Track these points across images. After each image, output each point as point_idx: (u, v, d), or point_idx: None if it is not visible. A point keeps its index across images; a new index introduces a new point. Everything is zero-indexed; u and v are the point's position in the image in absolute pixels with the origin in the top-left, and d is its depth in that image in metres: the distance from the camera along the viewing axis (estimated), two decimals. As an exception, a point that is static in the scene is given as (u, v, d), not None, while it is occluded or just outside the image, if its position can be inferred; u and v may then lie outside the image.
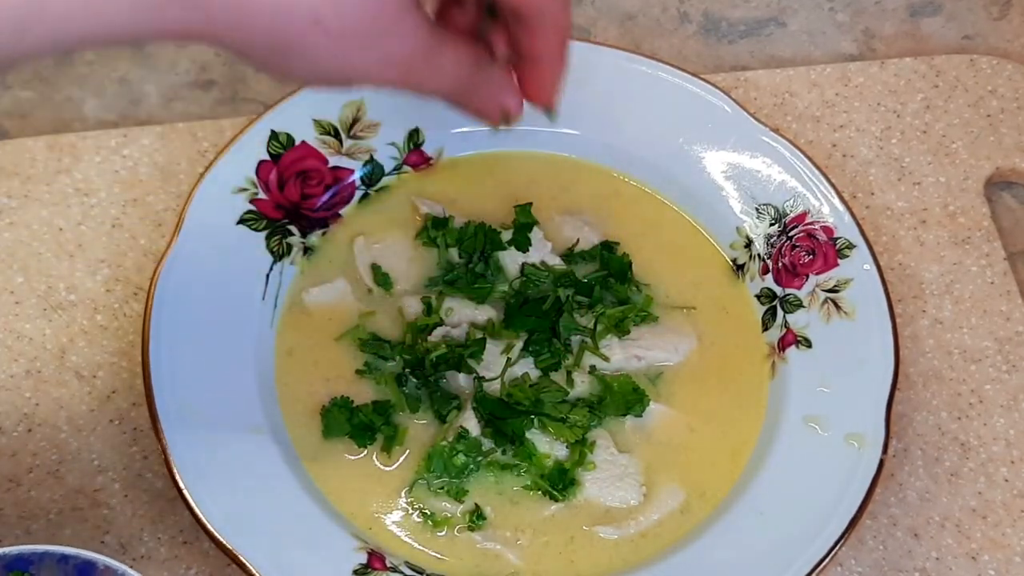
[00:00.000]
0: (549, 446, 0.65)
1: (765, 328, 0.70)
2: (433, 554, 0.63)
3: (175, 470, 0.60)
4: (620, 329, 0.69)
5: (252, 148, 0.70)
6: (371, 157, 0.73)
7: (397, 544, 0.63)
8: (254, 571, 0.58)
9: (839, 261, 0.70)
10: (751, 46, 0.86)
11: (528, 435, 0.65)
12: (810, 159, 0.72)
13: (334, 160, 0.72)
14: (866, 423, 0.64)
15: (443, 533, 0.63)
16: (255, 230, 0.69)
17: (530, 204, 0.72)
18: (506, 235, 0.71)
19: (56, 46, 0.42)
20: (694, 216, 0.74)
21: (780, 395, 0.67)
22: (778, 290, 0.70)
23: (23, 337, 0.69)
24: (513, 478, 0.65)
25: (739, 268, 0.72)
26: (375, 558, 0.61)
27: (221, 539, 0.59)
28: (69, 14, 0.41)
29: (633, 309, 0.69)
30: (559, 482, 0.64)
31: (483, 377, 0.66)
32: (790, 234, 0.71)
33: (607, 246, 0.72)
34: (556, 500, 0.64)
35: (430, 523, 0.63)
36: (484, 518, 0.64)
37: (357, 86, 0.49)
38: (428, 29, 0.48)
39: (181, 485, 0.60)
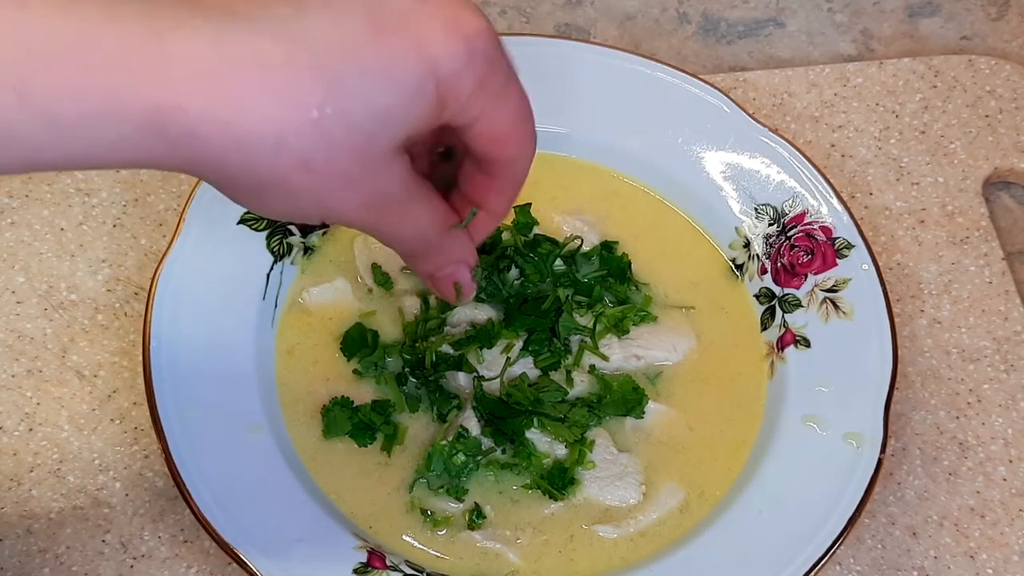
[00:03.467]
0: (549, 445, 0.66)
1: (764, 328, 0.70)
2: (433, 553, 0.63)
3: (176, 469, 0.60)
4: (619, 329, 0.69)
5: (253, 148, 0.70)
6: (371, 157, 0.73)
7: (397, 543, 0.63)
8: (255, 570, 0.58)
9: (838, 261, 0.70)
10: (750, 46, 0.86)
11: (528, 434, 0.65)
12: (809, 159, 0.72)
13: (334, 160, 0.72)
14: (864, 422, 0.64)
15: (443, 532, 0.63)
16: (256, 230, 0.69)
17: (529, 204, 0.72)
18: (505, 235, 0.71)
19: (28, 169, 0.42)
20: (693, 216, 0.74)
21: (779, 394, 0.67)
22: (777, 290, 0.71)
23: (24, 336, 0.70)
24: (513, 477, 0.65)
25: (738, 268, 0.72)
26: (375, 557, 0.61)
27: (222, 537, 0.59)
28: (41, 145, 0.40)
29: (632, 309, 0.70)
30: (559, 481, 0.64)
31: (483, 376, 0.66)
32: (789, 234, 0.71)
33: (606, 246, 0.72)
34: (556, 499, 0.64)
35: (430, 522, 0.63)
36: (484, 517, 0.64)
37: (326, 223, 0.46)
38: (410, 176, 0.48)
39: (182, 484, 0.60)
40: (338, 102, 0.42)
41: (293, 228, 0.70)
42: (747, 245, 0.72)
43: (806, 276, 0.70)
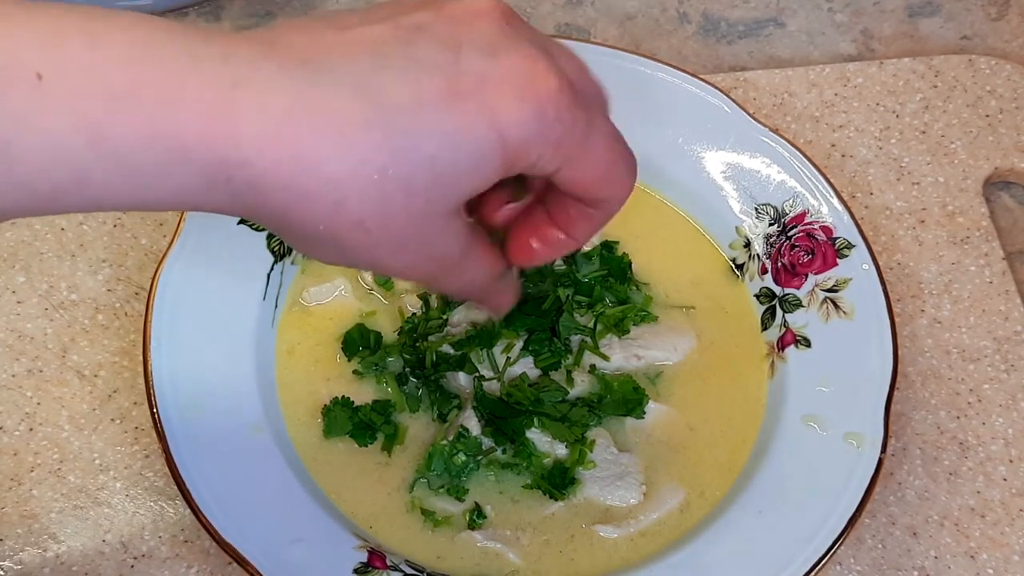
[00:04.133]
0: (549, 445, 0.66)
1: (764, 328, 0.70)
2: (433, 553, 0.63)
3: (176, 469, 0.60)
4: (620, 328, 0.69)
5: (253, 148, 0.70)
6: (371, 157, 0.73)
7: (397, 543, 0.63)
8: (255, 569, 0.58)
9: (838, 261, 0.70)
10: (750, 46, 0.86)
11: (528, 434, 0.65)
12: (809, 159, 0.72)
13: (335, 160, 0.72)
14: (865, 422, 0.64)
15: (444, 532, 0.63)
16: (256, 230, 0.69)
17: (530, 204, 0.72)
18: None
19: (95, 209, 0.42)
20: (693, 216, 0.74)
21: (779, 394, 0.67)
22: (777, 290, 0.71)
23: (25, 336, 0.70)
24: (513, 477, 0.65)
25: (738, 268, 0.72)
26: (375, 557, 0.61)
27: (222, 537, 0.59)
28: (110, 188, 0.41)
29: (632, 309, 0.70)
30: (559, 481, 0.64)
31: (483, 376, 0.66)
32: (789, 234, 0.71)
33: (607, 246, 0.72)
34: (556, 499, 0.64)
35: (430, 522, 0.63)
36: (484, 517, 0.64)
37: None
38: (465, 236, 0.48)
39: (182, 483, 0.60)
40: (401, 165, 0.42)
41: (293, 228, 0.70)
42: (747, 245, 0.72)
43: (806, 276, 0.70)
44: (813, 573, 0.60)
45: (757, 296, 0.71)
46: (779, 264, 0.71)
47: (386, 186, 0.42)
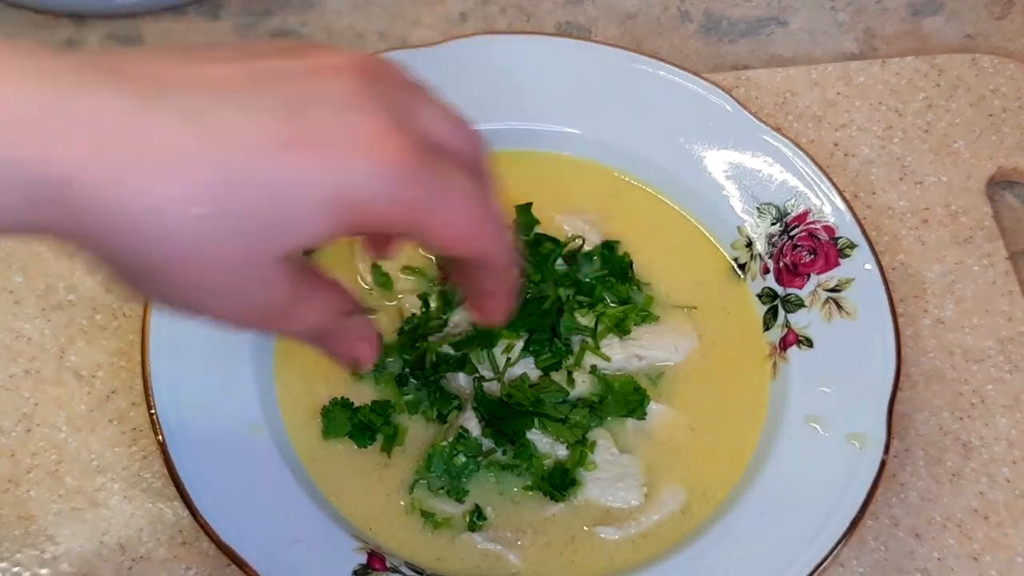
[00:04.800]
0: (550, 446, 0.65)
1: (766, 328, 0.70)
2: (433, 555, 0.62)
3: (175, 470, 0.60)
4: (621, 329, 0.69)
5: (252, 147, 0.70)
6: (371, 156, 0.72)
7: (397, 544, 0.62)
8: (254, 571, 0.58)
9: (840, 261, 0.70)
10: (752, 45, 0.86)
11: (528, 435, 0.65)
12: (811, 158, 0.72)
13: (334, 159, 0.72)
14: (867, 423, 0.64)
15: (443, 533, 0.63)
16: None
17: (530, 204, 0.72)
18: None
19: None
20: (695, 216, 0.74)
21: (781, 395, 0.67)
22: (779, 290, 0.70)
23: (22, 337, 0.69)
24: (514, 478, 0.65)
25: (740, 268, 0.72)
26: (375, 558, 0.60)
27: (221, 539, 0.59)
28: None
29: (634, 309, 0.69)
30: (560, 482, 0.64)
31: (483, 377, 0.66)
32: (791, 233, 0.71)
33: (608, 246, 0.72)
34: (557, 500, 0.64)
35: (430, 523, 0.63)
36: (484, 518, 0.63)
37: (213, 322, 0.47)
38: (294, 284, 0.46)
39: (180, 485, 0.60)
40: (228, 205, 0.41)
41: (292, 228, 0.70)
42: (749, 245, 0.72)
43: (809, 276, 0.70)
44: (815, 575, 0.60)
45: (759, 296, 0.71)
46: (781, 264, 0.71)
47: (210, 224, 0.41)
